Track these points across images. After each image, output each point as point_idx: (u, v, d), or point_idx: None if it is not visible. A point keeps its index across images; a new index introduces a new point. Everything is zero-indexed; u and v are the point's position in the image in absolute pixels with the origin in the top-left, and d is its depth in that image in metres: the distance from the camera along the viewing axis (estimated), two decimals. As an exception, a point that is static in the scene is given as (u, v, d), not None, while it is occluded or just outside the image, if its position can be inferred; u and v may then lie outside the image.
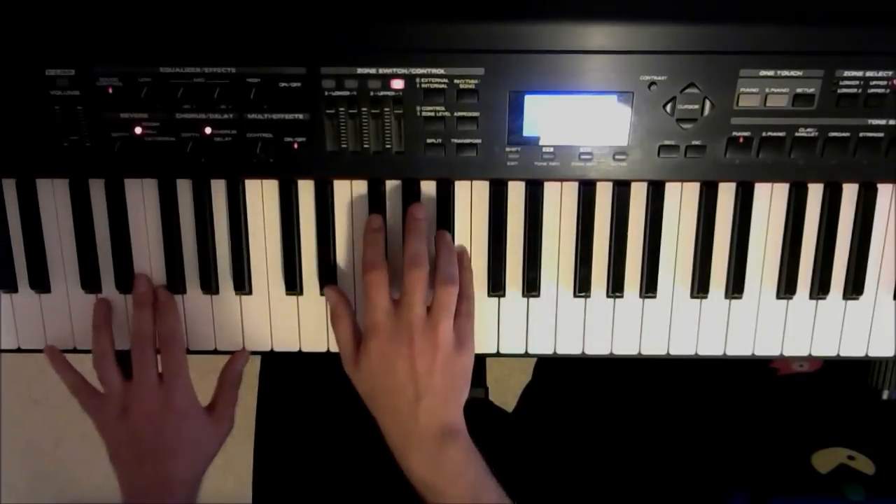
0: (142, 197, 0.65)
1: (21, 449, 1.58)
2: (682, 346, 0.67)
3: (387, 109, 0.60)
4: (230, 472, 1.56)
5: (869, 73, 0.59)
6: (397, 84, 0.59)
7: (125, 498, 0.64)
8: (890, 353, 0.68)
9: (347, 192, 0.65)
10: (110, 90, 0.60)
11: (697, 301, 0.66)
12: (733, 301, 0.66)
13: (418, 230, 0.62)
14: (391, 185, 0.64)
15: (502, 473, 0.71)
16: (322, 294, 0.66)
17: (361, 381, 0.62)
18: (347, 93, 0.59)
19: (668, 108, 0.60)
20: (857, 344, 0.67)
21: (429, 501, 0.59)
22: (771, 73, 0.59)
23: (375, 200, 0.64)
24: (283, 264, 0.66)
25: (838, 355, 0.68)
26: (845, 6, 0.58)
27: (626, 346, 0.67)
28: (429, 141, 0.61)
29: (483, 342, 0.67)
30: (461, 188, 0.64)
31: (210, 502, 0.65)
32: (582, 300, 0.66)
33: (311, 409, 0.80)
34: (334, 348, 0.68)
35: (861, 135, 0.60)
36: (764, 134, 0.60)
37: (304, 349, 0.68)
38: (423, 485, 0.59)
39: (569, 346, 0.67)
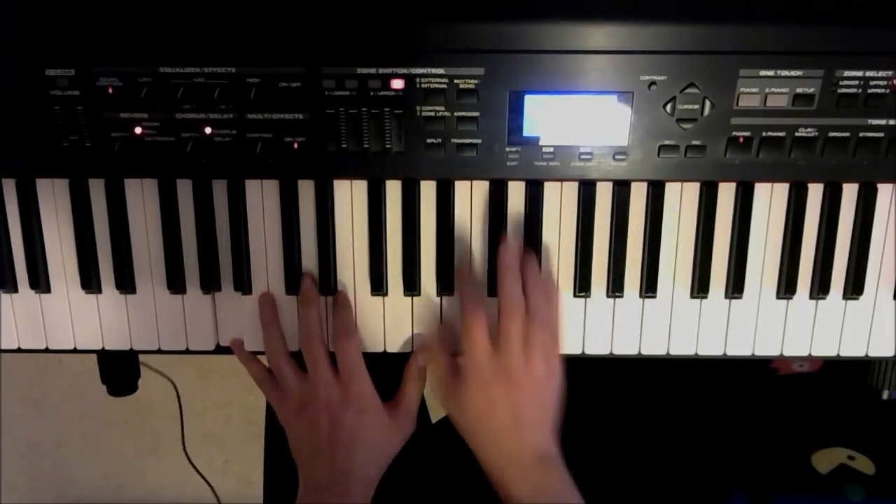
0: (142, 197, 0.65)
1: (21, 449, 1.58)
2: (682, 346, 0.67)
3: (387, 109, 0.60)
4: (230, 472, 1.56)
5: (869, 73, 0.59)
6: (397, 84, 0.59)
7: (302, 488, 0.64)
8: (890, 353, 0.68)
9: (347, 192, 0.65)
10: (110, 90, 0.60)
11: (697, 301, 0.66)
12: (733, 301, 0.66)
13: (514, 270, 0.63)
14: (392, 184, 0.64)
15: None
16: (322, 294, 0.66)
17: (459, 415, 0.63)
18: (347, 93, 0.59)
19: (668, 108, 0.60)
20: (857, 344, 0.67)
21: None
22: (771, 73, 0.59)
23: (375, 200, 0.64)
24: (283, 264, 0.66)
25: (838, 355, 0.67)
26: (845, 6, 0.58)
27: (625, 346, 0.67)
28: (429, 141, 0.61)
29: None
30: (461, 188, 0.64)
31: (210, 502, 0.65)
32: (582, 300, 0.66)
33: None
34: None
35: (861, 135, 0.60)
36: (764, 134, 0.60)
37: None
38: None
39: (569, 346, 0.67)
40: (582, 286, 0.66)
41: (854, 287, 0.66)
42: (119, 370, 0.76)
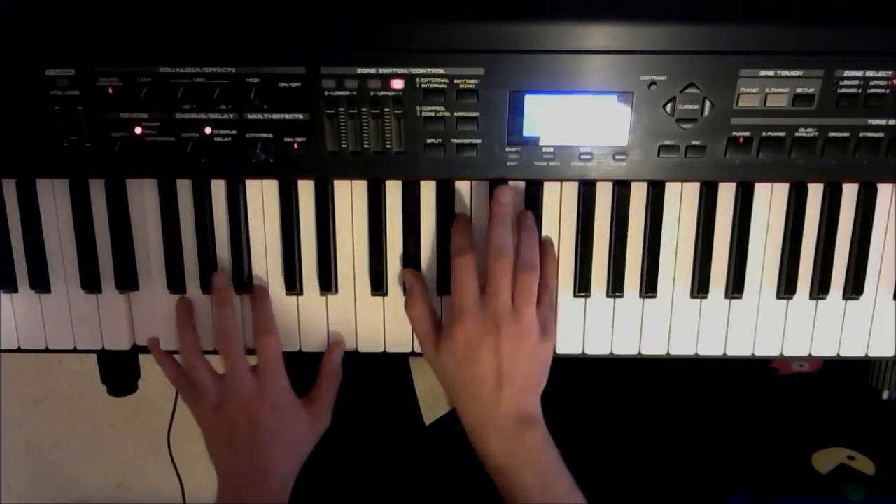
0: (142, 197, 0.65)
1: (21, 449, 1.58)
2: (682, 346, 0.67)
3: (387, 109, 0.60)
4: (230, 472, 1.56)
5: (869, 73, 0.59)
6: (397, 84, 0.59)
7: (221, 488, 0.64)
8: (890, 353, 0.68)
9: (347, 192, 0.65)
10: (110, 90, 0.60)
11: (697, 301, 0.66)
12: (733, 301, 0.66)
13: (504, 217, 0.62)
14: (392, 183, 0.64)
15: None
16: (322, 294, 0.66)
17: (442, 366, 0.62)
18: (347, 93, 0.59)
19: (668, 108, 0.60)
20: (857, 344, 0.67)
21: (501, 488, 0.59)
22: (771, 73, 0.59)
23: (375, 200, 0.64)
24: (283, 264, 0.66)
25: (838, 355, 0.67)
26: (845, 6, 0.58)
27: (625, 347, 0.67)
28: (429, 141, 0.61)
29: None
30: (461, 188, 0.64)
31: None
32: (582, 300, 0.66)
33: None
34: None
35: (861, 135, 0.60)
36: (764, 134, 0.60)
37: (305, 349, 0.68)
38: (497, 471, 0.60)
39: (569, 347, 0.67)
40: (582, 286, 0.66)
41: (854, 287, 0.66)
42: (119, 370, 0.76)
